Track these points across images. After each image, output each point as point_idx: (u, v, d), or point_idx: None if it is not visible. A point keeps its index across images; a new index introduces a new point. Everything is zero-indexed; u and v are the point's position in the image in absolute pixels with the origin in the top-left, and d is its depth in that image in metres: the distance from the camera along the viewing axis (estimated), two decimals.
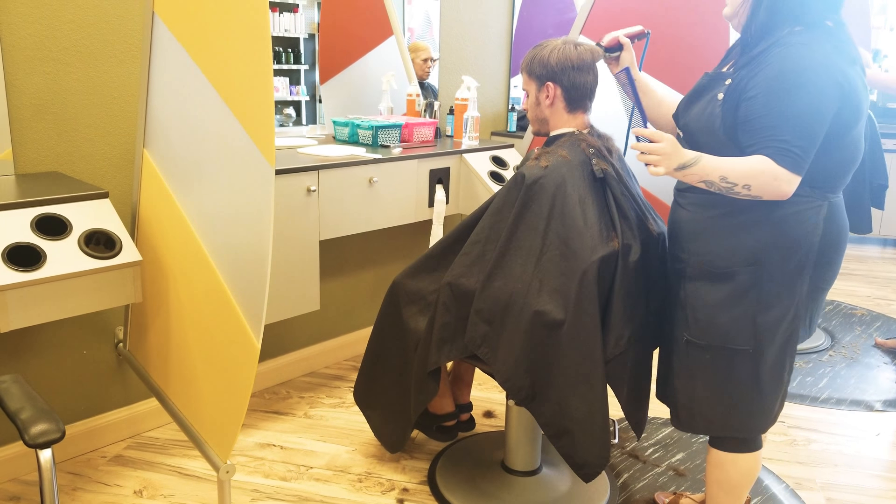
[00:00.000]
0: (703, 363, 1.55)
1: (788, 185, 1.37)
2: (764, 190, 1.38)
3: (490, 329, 1.70)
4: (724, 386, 1.54)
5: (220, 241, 1.55)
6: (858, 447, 2.34)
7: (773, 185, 1.37)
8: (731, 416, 1.57)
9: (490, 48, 3.34)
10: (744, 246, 1.46)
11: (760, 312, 1.47)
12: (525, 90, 1.83)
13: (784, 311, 1.47)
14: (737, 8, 1.49)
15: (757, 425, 1.58)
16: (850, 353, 3.12)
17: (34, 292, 1.58)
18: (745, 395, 1.54)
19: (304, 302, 2.25)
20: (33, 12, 1.83)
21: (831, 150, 1.41)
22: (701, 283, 1.52)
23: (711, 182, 1.42)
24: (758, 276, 1.46)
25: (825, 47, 1.37)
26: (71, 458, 2.11)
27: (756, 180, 1.37)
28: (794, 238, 1.44)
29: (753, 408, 1.55)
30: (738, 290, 1.48)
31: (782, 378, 1.54)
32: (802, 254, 1.45)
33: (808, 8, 1.40)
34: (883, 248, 5.01)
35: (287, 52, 2.64)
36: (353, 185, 2.29)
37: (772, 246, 1.45)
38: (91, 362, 2.13)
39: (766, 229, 1.44)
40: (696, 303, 1.53)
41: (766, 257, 1.45)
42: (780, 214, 1.43)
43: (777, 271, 1.45)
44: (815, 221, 1.44)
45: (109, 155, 2.05)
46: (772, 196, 1.39)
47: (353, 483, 2.05)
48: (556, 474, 2.08)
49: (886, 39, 5.32)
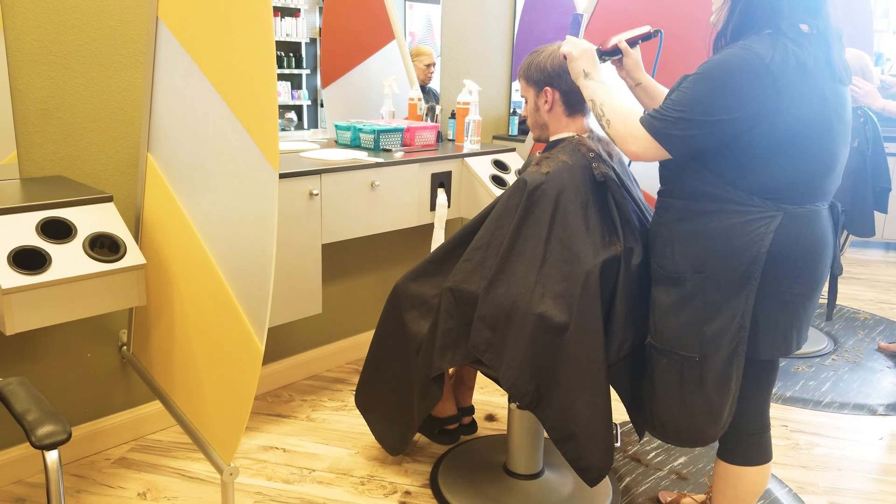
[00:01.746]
0: (661, 367, 1.56)
1: (634, 143, 1.46)
2: (617, 134, 1.50)
3: (494, 335, 1.70)
4: (678, 392, 1.54)
5: (223, 245, 1.56)
6: (862, 451, 2.33)
7: (624, 135, 1.48)
8: (685, 423, 1.56)
9: (491, 52, 3.35)
10: (691, 252, 1.47)
11: (707, 321, 1.46)
12: (524, 96, 1.84)
13: (728, 321, 1.44)
14: (718, 14, 1.49)
15: (706, 433, 1.56)
16: (854, 356, 3.11)
17: (39, 295, 1.59)
18: (693, 402, 1.53)
19: (307, 305, 2.26)
20: (39, 17, 1.84)
21: (784, 161, 1.38)
22: (660, 287, 1.55)
23: (594, 104, 1.56)
24: (703, 284, 1.45)
25: (772, 54, 1.33)
26: (75, 460, 2.12)
27: (616, 118, 1.50)
28: (737, 247, 1.41)
29: (701, 416, 1.53)
30: (686, 297, 1.48)
31: (729, 389, 1.50)
32: (746, 265, 1.41)
33: (779, 12, 1.37)
34: (886, 252, 5.00)
35: (289, 57, 2.66)
36: (355, 188, 2.30)
37: (716, 254, 1.43)
38: (95, 365, 2.14)
39: (712, 236, 1.44)
40: (654, 306, 1.57)
41: (710, 265, 1.44)
42: (728, 223, 1.42)
43: (722, 280, 1.43)
44: (763, 232, 1.40)
45: (114, 159, 2.06)
46: (620, 145, 1.49)
47: (355, 486, 2.06)
48: (559, 478, 2.08)
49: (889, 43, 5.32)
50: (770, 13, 1.38)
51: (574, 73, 1.62)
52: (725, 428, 1.56)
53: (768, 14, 1.38)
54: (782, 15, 1.38)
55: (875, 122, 2.99)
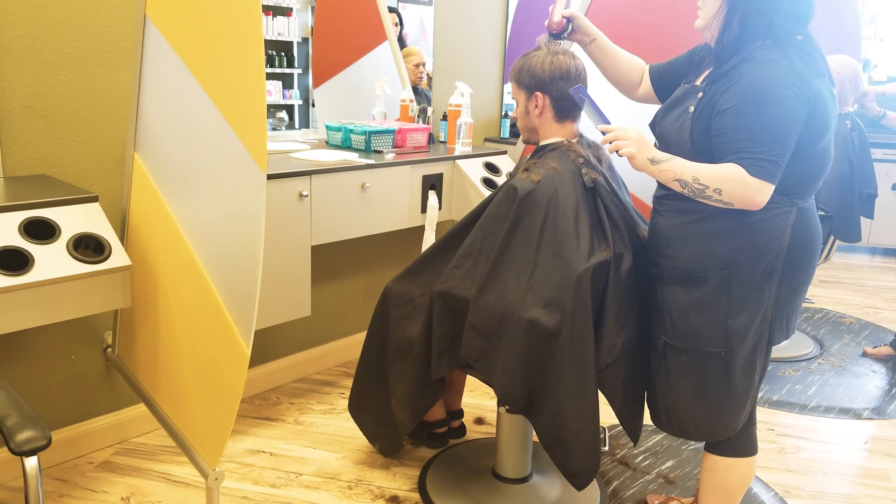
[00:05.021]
0: (679, 365, 1.59)
1: (759, 195, 1.42)
2: (735, 196, 1.42)
3: (486, 343, 1.70)
4: (699, 387, 1.58)
5: (210, 247, 1.54)
6: (847, 455, 2.35)
7: (744, 193, 1.41)
8: (705, 417, 1.61)
9: (484, 54, 3.35)
10: (716, 251, 1.51)
11: (731, 316, 1.51)
12: (515, 99, 1.84)
13: (753, 315, 1.51)
14: (709, 20, 1.52)
15: (728, 426, 1.61)
16: (839, 361, 3.13)
17: (21, 297, 1.57)
18: (717, 396, 1.58)
19: (296, 307, 2.24)
20: (24, 13, 1.81)
21: (801, 160, 1.45)
22: (676, 287, 1.57)
23: (685, 182, 1.46)
24: (728, 281, 1.50)
25: (793, 61, 1.41)
26: (58, 464, 2.09)
27: (727, 185, 1.42)
28: (762, 243, 1.48)
29: (726, 408, 1.59)
30: (710, 294, 1.52)
31: (753, 380, 1.58)
32: (770, 258, 1.49)
33: (777, 22, 1.44)
34: (872, 257, 5.05)
35: (280, 56, 2.64)
36: (345, 190, 2.29)
37: (742, 251, 1.49)
38: (79, 367, 2.11)
39: (737, 235, 1.49)
40: (672, 306, 1.58)
41: (735, 262, 1.49)
42: (750, 221, 1.48)
43: (746, 276, 1.49)
44: (783, 227, 1.49)
45: (99, 158, 2.03)
46: (743, 203, 1.43)
47: (342, 490, 2.04)
48: (547, 481, 2.08)
49: (877, 50, 5.37)
50: (768, 24, 1.44)
51: (641, 166, 1.51)
52: (746, 418, 1.62)
53: (767, 24, 1.44)
54: (780, 25, 1.44)
55: (862, 129, 3.02)
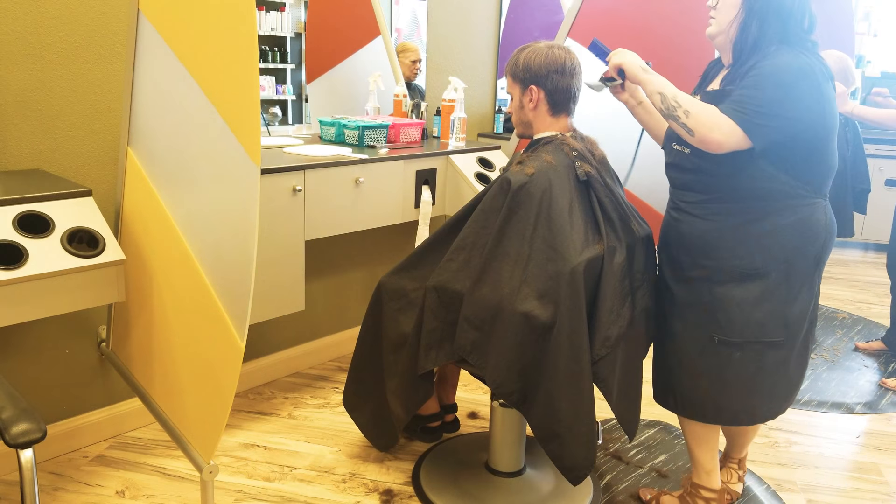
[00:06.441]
0: (735, 361, 1.68)
1: (720, 133, 1.50)
2: (699, 122, 1.51)
3: (480, 335, 1.70)
4: (754, 379, 1.69)
5: (204, 241, 1.54)
6: (839, 449, 2.37)
7: (708, 123, 1.50)
8: (760, 403, 1.73)
9: (477, 50, 3.35)
10: (773, 247, 1.61)
11: (789, 305, 1.64)
12: (509, 93, 1.84)
13: (807, 302, 1.66)
14: (725, 26, 1.60)
15: (779, 409, 1.77)
16: (832, 356, 3.15)
17: (16, 291, 1.57)
18: (774, 383, 1.70)
19: (289, 302, 2.25)
20: (17, 7, 1.81)
21: (828, 156, 1.58)
22: (732, 286, 1.64)
23: (665, 96, 1.57)
24: (787, 273, 1.62)
25: (811, 59, 1.52)
26: (52, 457, 2.09)
27: (696, 110, 1.52)
28: (812, 235, 1.61)
29: (780, 393, 1.73)
30: (770, 287, 1.62)
31: (806, 361, 1.74)
32: (818, 248, 1.62)
33: (791, 27, 1.55)
34: (864, 252, 5.08)
35: (273, 51, 2.63)
36: (339, 185, 2.29)
37: (797, 244, 1.60)
38: (73, 361, 2.11)
39: (793, 230, 1.60)
40: (728, 304, 1.65)
41: (793, 255, 1.61)
42: (802, 216, 1.59)
43: (801, 266, 1.62)
44: (823, 219, 1.62)
45: (93, 153, 2.03)
46: (701, 136, 1.51)
47: (337, 484, 2.05)
48: (540, 475, 2.09)
49: (870, 45, 5.39)
50: (784, 28, 1.55)
51: (633, 72, 1.67)
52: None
53: (783, 28, 1.55)
54: (794, 31, 1.56)
55: (856, 125, 3.04)
